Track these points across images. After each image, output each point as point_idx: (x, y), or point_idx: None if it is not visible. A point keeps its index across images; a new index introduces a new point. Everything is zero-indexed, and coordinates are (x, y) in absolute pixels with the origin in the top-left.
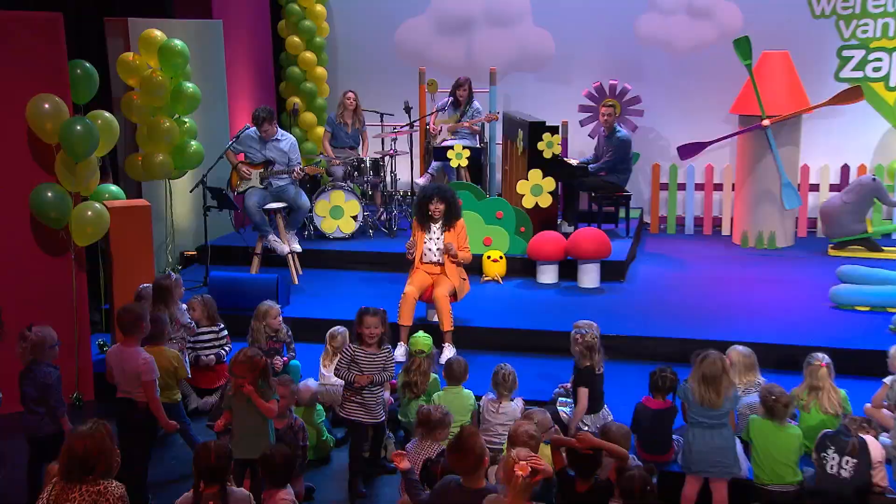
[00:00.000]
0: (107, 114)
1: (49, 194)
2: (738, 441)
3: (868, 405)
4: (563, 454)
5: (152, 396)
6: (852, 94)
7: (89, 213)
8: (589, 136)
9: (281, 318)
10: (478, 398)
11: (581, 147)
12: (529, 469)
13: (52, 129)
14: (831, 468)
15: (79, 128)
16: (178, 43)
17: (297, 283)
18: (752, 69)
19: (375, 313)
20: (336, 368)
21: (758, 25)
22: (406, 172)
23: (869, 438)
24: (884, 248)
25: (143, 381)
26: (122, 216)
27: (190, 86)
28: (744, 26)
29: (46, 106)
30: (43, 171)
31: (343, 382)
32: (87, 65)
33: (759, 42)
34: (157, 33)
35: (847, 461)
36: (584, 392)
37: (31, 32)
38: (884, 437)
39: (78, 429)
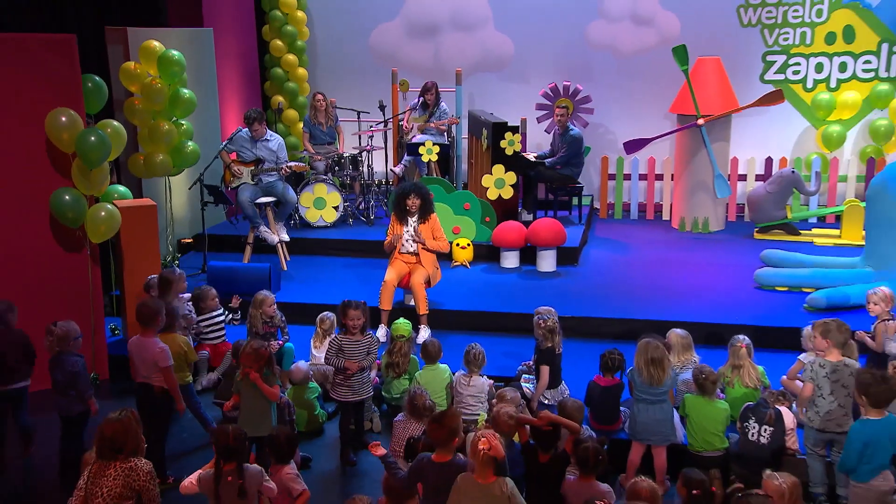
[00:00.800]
0: (115, 122)
1: (66, 197)
2: (675, 413)
3: (784, 377)
4: (528, 430)
5: (170, 379)
6: (774, 96)
7: (102, 213)
8: (545, 131)
9: (275, 306)
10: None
11: (538, 140)
12: (489, 445)
13: (68, 139)
14: (752, 436)
15: (93, 138)
16: (175, 53)
17: (285, 269)
18: (688, 74)
19: (357, 306)
20: (326, 358)
21: (693, 33)
22: (381, 165)
23: (783, 409)
24: (801, 231)
25: (161, 368)
26: (131, 215)
27: (186, 91)
28: (681, 33)
29: (63, 119)
30: (60, 177)
31: (325, 353)
32: (97, 78)
33: (694, 48)
34: (156, 44)
35: (765, 429)
36: (545, 370)
37: (48, 52)
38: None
39: (109, 415)
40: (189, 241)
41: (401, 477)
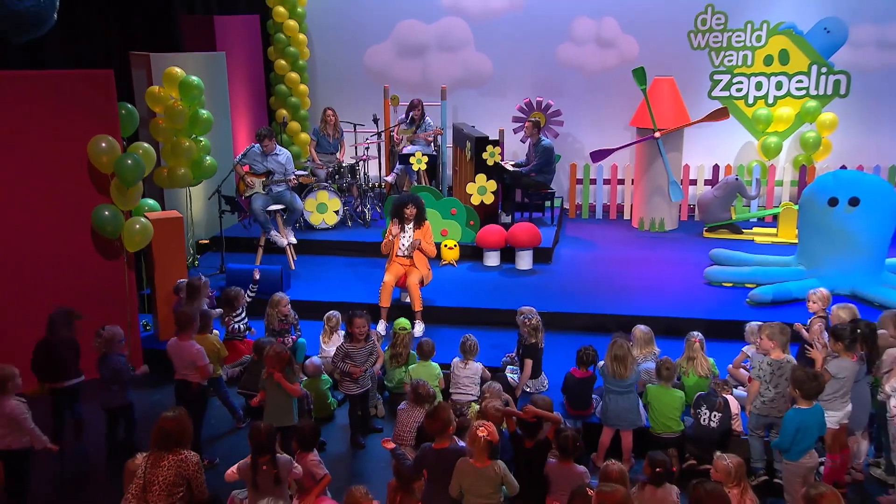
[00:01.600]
0: (146, 144)
1: (106, 213)
2: (639, 401)
3: (730, 366)
4: (515, 421)
5: (207, 373)
6: (720, 113)
7: (137, 226)
8: (521, 141)
9: (289, 306)
10: (443, 366)
11: (514, 149)
12: (488, 431)
13: (107, 162)
14: (704, 420)
15: (129, 162)
16: (194, 78)
17: (293, 268)
18: (646, 92)
19: (362, 315)
20: (332, 361)
21: (650, 54)
22: (375, 171)
23: (729, 397)
24: (743, 230)
25: (199, 366)
26: (161, 226)
27: (204, 112)
28: (639, 54)
29: (103, 144)
30: (100, 195)
31: (332, 359)
32: (130, 106)
33: (651, 68)
34: (178, 70)
35: (715, 415)
36: (528, 363)
37: (90, 86)
38: (740, 391)
39: (165, 413)
40: (206, 241)
41: (408, 466)
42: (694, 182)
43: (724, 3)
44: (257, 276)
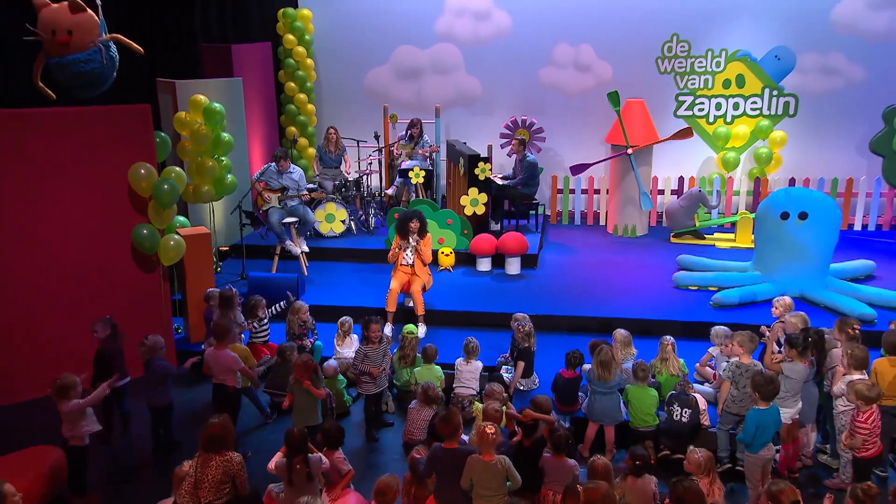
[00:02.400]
0: (178, 168)
1: (144, 231)
2: (620, 399)
3: (697, 364)
4: (514, 422)
5: (246, 372)
6: (685, 133)
7: (172, 242)
8: (507, 155)
9: (308, 313)
10: (445, 366)
11: (501, 162)
12: (494, 429)
13: (146, 186)
14: (676, 416)
15: (165, 186)
16: (217, 105)
17: (306, 274)
18: (620, 114)
19: (377, 322)
20: (353, 364)
21: (622, 78)
22: (376, 183)
23: (697, 396)
24: (706, 236)
25: (238, 369)
26: (192, 241)
27: (226, 135)
28: (613, 78)
29: (142, 171)
30: (139, 215)
31: (353, 360)
32: (163, 134)
33: (623, 90)
34: (202, 97)
35: (686, 412)
36: (521, 364)
37: (130, 119)
38: (707, 387)
39: (211, 419)
40: (226, 249)
41: (423, 468)
42: (662, 192)
43: (687, 32)
44: (292, 299)
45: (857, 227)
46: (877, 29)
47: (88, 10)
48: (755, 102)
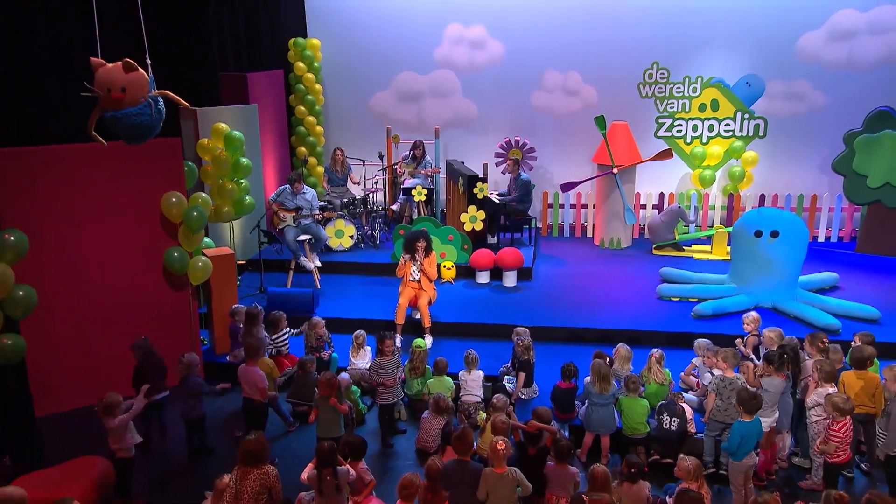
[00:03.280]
0: (204, 194)
1: (175, 254)
2: (614, 409)
3: (682, 373)
4: (520, 432)
5: (266, 393)
6: (666, 154)
7: (200, 263)
8: (502, 173)
9: (324, 328)
10: (451, 376)
11: (495, 179)
12: (505, 445)
13: (177, 213)
14: (665, 425)
15: (195, 213)
16: (236, 133)
17: (318, 287)
18: (606, 136)
19: (391, 337)
20: (369, 376)
21: (607, 102)
22: (381, 199)
23: (685, 405)
24: (685, 248)
25: (260, 388)
26: (217, 261)
27: (245, 160)
28: (598, 102)
29: (174, 199)
30: (170, 239)
31: (369, 372)
32: (191, 164)
33: (607, 113)
34: (223, 125)
35: (674, 420)
36: (522, 375)
37: (162, 151)
38: (691, 395)
39: (248, 436)
40: (243, 262)
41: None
42: (644, 207)
43: (666, 61)
44: (317, 324)
45: (821, 238)
46: (836, 59)
47: (140, 69)
48: (728, 125)
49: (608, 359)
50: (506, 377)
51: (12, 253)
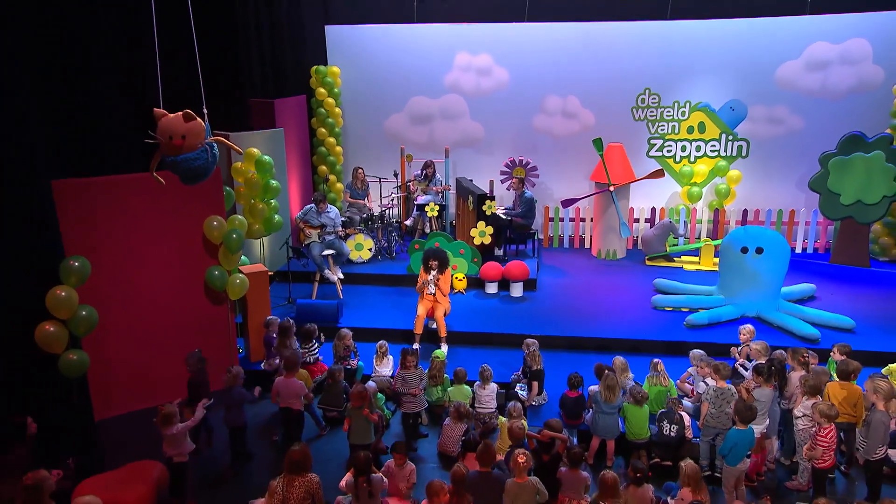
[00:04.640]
0: (241, 217)
1: (216, 272)
2: (619, 416)
3: (678, 381)
4: (535, 441)
5: (311, 397)
6: (658, 173)
7: (238, 281)
8: (506, 189)
9: (352, 339)
10: (469, 383)
11: (500, 194)
12: (526, 457)
13: (217, 235)
14: (665, 431)
15: (234, 235)
16: (266, 157)
17: (341, 297)
18: (603, 157)
19: (413, 353)
20: (395, 388)
21: (603, 124)
22: (395, 214)
23: (684, 414)
24: (675, 259)
25: (303, 395)
26: (253, 277)
27: (274, 182)
28: (595, 124)
29: (215, 223)
30: (211, 259)
31: (393, 382)
32: (229, 189)
33: (604, 134)
34: (255, 150)
35: (674, 427)
36: (535, 383)
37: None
38: (687, 402)
39: (293, 447)
40: (271, 273)
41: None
42: (638, 221)
43: (657, 87)
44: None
45: (798, 250)
46: (812, 87)
47: (198, 118)
48: (714, 146)
49: (609, 370)
50: (517, 385)
51: (76, 277)
